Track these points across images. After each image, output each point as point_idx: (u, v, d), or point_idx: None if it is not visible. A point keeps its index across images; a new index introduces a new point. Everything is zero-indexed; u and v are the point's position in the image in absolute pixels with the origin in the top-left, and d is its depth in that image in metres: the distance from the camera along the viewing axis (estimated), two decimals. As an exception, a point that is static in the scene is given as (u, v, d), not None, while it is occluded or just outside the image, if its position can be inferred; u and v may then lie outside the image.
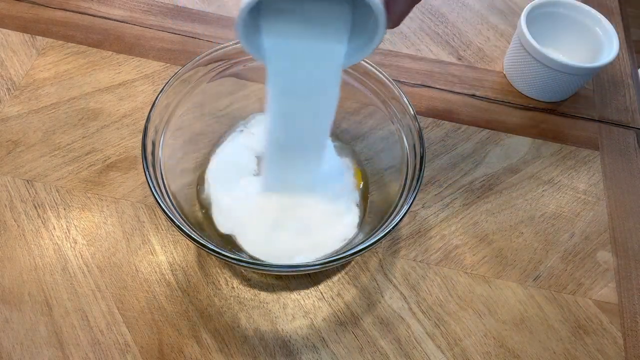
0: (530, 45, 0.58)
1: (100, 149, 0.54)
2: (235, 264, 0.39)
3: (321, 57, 0.37)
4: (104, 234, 0.49)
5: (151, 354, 0.44)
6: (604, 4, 0.74)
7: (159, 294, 0.46)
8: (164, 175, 0.44)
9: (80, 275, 0.47)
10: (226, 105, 0.54)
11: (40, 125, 0.55)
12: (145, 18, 0.65)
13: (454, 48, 0.67)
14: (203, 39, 0.64)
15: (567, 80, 0.59)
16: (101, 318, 0.45)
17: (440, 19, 0.70)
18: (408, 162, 0.45)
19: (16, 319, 0.44)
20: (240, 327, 0.45)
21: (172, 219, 0.40)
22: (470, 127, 0.60)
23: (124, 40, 0.63)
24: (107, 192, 0.51)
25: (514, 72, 0.63)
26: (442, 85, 0.63)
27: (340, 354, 0.45)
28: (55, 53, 0.61)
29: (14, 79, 0.58)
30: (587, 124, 0.62)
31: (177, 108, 0.48)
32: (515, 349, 0.46)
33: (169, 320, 0.45)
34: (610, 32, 0.59)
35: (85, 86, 0.58)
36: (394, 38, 0.67)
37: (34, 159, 0.53)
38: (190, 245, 0.49)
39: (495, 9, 0.72)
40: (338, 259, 0.39)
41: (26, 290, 0.46)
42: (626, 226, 0.54)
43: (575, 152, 0.59)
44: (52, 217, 0.50)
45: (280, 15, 0.35)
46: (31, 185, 0.51)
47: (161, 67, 0.61)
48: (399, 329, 0.46)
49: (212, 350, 0.44)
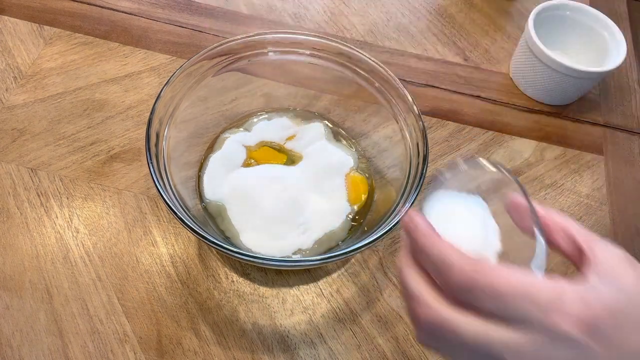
0: (537, 47, 0.58)
1: (104, 140, 0.54)
2: (235, 257, 0.39)
3: None
4: (106, 224, 0.49)
5: (150, 344, 0.44)
6: (613, 8, 0.74)
7: (159, 285, 0.46)
8: (167, 167, 0.44)
9: (82, 264, 0.47)
10: (231, 100, 0.54)
11: (46, 114, 0.55)
12: (153, 11, 0.65)
13: (460, 49, 0.67)
14: (210, 33, 0.64)
15: (573, 84, 0.59)
16: (101, 307, 0.45)
17: (448, 19, 0.70)
18: (411, 161, 0.45)
19: (16, 306, 0.45)
20: (238, 320, 0.45)
21: (174, 210, 0.40)
22: (475, 128, 0.60)
23: (131, 32, 0.63)
24: (110, 182, 0.52)
25: (520, 74, 0.63)
26: (448, 86, 0.63)
27: (338, 351, 0.45)
28: (62, 43, 0.61)
29: (20, 67, 0.59)
30: (592, 128, 0.62)
31: (182, 101, 0.48)
32: (513, 351, 0.46)
33: (168, 312, 0.45)
34: (618, 37, 0.59)
35: (92, 77, 0.59)
36: (401, 37, 0.67)
37: (38, 147, 0.53)
38: (191, 238, 0.49)
39: (503, 11, 0.72)
40: (338, 255, 0.39)
41: (27, 278, 0.46)
42: (628, 232, 0.54)
43: (579, 156, 0.59)
44: (55, 206, 0.50)
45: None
46: (35, 174, 0.51)
47: (167, 59, 0.61)
48: (397, 328, 0.46)
49: (210, 343, 0.44)
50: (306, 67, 0.52)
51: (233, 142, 0.52)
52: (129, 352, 0.43)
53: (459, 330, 0.23)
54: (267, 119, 0.55)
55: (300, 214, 0.47)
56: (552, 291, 0.22)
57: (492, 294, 0.22)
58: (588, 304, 0.22)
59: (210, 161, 0.51)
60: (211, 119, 0.53)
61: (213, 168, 0.51)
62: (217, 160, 0.51)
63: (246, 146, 0.52)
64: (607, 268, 0.24)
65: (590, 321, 0.22)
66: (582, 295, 0.22)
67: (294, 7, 0.68)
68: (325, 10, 0.69)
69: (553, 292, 0.22)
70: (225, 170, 0.51)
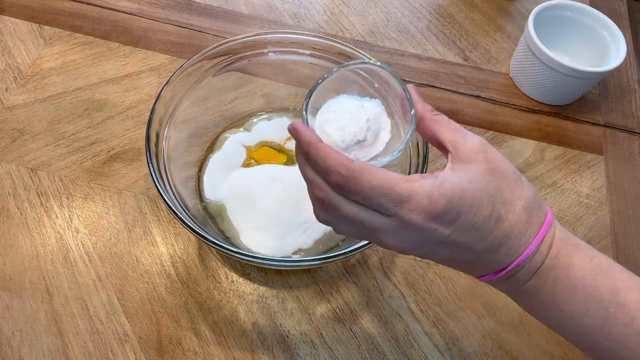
0: (537, 47, 0.57)
1: (104, 140, 0.54)
2: (235, 257, 0.39)
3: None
4: (106, 224, 0.49)
5: (149, 344, 0.44)
6: (613, 8, 0.74)
7: (158, 285, 0.46)
8: (167, 167, 0.44)
9: (81, 264, 0.47)
10: (231, 100, 0.54)
11: (46, 114, 0.55)
12: (153, 11, 0.65)
13: (460, 49, 0.67)
14: (209, 33, 0.64)
15: (574, 83, 0.59)
16: (101, 307, 0.45)
17: (448, 19, 0.70)
18: (411, 161, 0.45)
19: (16, 305, 0.45)
20: (238, 320, 0.45)
21: (174, 210, 0.40)
22: (475, 128, 0.60)
23: (131, 33, 0.63)
24: (110, 182, 0.52)
25: (520, 74, 0.63)
26: (448, 86, 0.63)
27: (338, 351, 0.45)
28: (62, 43, 0.61)
29: (20, 67, 0.59)
30: (592, 128, 0.62)
31: (182, 101, 0.48)
32: (514, 351, 0.46)
33: (168, 312, 0.45)
34: (618, 37, 0.59)
35: (92, 77, 0.59)
36: (401, 37, 0.67)
37: (38, 147, 0.53)
38: (191, 238, 0.49)
39: (503, 11, 0.72)
40: (338, 255, 0.40)
41: (27, 278, 0.46)
42: (628, 232, 0.54)
43: (579, 156, 0.59)
44: (55, 206, 0.50)
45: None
46: (35, 174, 0.51)
47: (167, 59, 0.61)
48: (397, 328, 0.46)
49: (210, 343, 0.44)
50: (306, 67, 0.52)
51: (233, 142, 0.52)
52: (129, 352, 0.43)
53: (341, 210, 0.30)
54: (267, 119, 0.55)
55: (300, 214, 0.47)
56: (405, 190, 0.29)
57: (360, 193, 0.29)
58: (432, 198, 0.29)
59: (210, 161, 0.51)
60: (211, 119, 0.53)
61: (213, 168, 0.51)
62: (217, 160, 0.51)
63: (246, 146, 0.52)
64: (462, 157, 0.31)
65: (433, 212, 0.29)
66: (429, 190, 0.29)
67: (294, 7, 0.68)
68: (325, 10, 0.69)
69: (405, 192, 0.29)
70: (225, 170, 0.51)
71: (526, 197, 0.31)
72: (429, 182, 0.29)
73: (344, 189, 0.30)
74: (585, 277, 0.31)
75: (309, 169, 0.32)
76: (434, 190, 0.29)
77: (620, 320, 0.30)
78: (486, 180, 0.30)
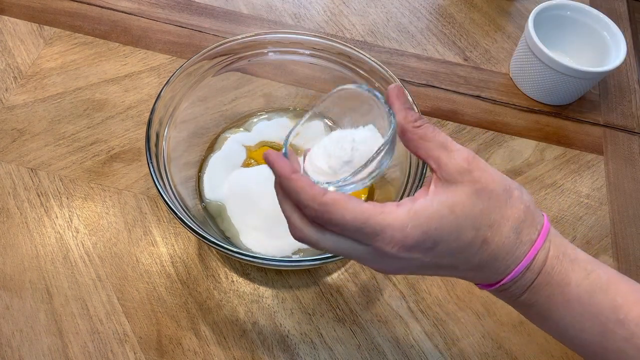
0: (537, 47, 0.58)
1: (104, 140, 0.54)
2: (235, 257, 0.39)
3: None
4: (105, 224, 0.49)
5: (149, 344, 0.44)
6: (613, 8, 0.74)
7: (158, 285, 0.46)
8: (167, 167, 0.44)
9: (82, 264, 0.47)
10: (231, 100, 0.54)
11: (46, 114, 0.55)
12: (153, 11, 0.65)
13: (460, 49, 0.67)
14: (209, 32, 0.64)
15: (574, 83, 0.59)
16: (101, 307, 0.45)
17: (448, 19, 0.70)
18: (411, 161, 0.45)
19: (16, 306, 0.45)
20: (238, 320, 0.45)
21: (174, 210, 0.40)
22: (475, 128, 0.60)
23: (131, 33, 0.63)
24: (110, 182, 0.52)
25: (520, 74, 0.63)
26: (448, 86, 0.63)
27: (338, 351, 0.45)
28: (62, 43, 0.61)
29: (20, 67, 0.59)
30: (592, 128, 0.62)
31: (182, 101, 0.48)
32: (514, 351, 0.46)
33: (168, 312, 0.45)
34: (618, 37, 0.59)
35: (91, 77, 0.59)
36: (401, 37, 0.67)
37: (38, 147, 0.53)
38: (191, 238, 0.49)
39: (503, 11, 0.72)
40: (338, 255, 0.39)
41: (27, 278, 0.46)
42: (628, 231, 0.54)
43: (579, 156, 0.59)
44: (55, 206, 0.50)
45: None
46: (35, 174, 0.51)
47: (167, 59, 0.61)
48: (397, 328, 0.46)
49: (210, 343, 0.44)
50: (306, 67, 0.52)
51: (233, 142, 0.52)
52: (129, 352, 0.43)
53: (319, 244, 0.30)
54: (267, 119, 0.55)
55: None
56: (377, 224, 0.28)
57: (335, 226, 0.29)
58: (405, 231, 0.28)
59: (210, 161, 0.51)
60: (211, 119, 0.53)
61: (213, 168, 0.51)
62: (217, 160, 0.51)
63: (246, 146, 0.52)
64: (447, 177, 0.29)
65: (406, 245, 0.28)
66: (402, 223, 0.28)
67: (294, 7, 0.68)
68: (325, 10, 0.69)
69: (378, 225, 0.28)
70: (225, 170, 0.51)
71: (516, 217, 0.30)
72: (403, 212, 0.28)
73: (320, 221, 0.30)
74: (581, 294, 0.30)
75: (285, 205, 0.32)
76: (408, 221, 0.28)
77: (620, 336, 0.30)
78: (471, 204, 0.29)
